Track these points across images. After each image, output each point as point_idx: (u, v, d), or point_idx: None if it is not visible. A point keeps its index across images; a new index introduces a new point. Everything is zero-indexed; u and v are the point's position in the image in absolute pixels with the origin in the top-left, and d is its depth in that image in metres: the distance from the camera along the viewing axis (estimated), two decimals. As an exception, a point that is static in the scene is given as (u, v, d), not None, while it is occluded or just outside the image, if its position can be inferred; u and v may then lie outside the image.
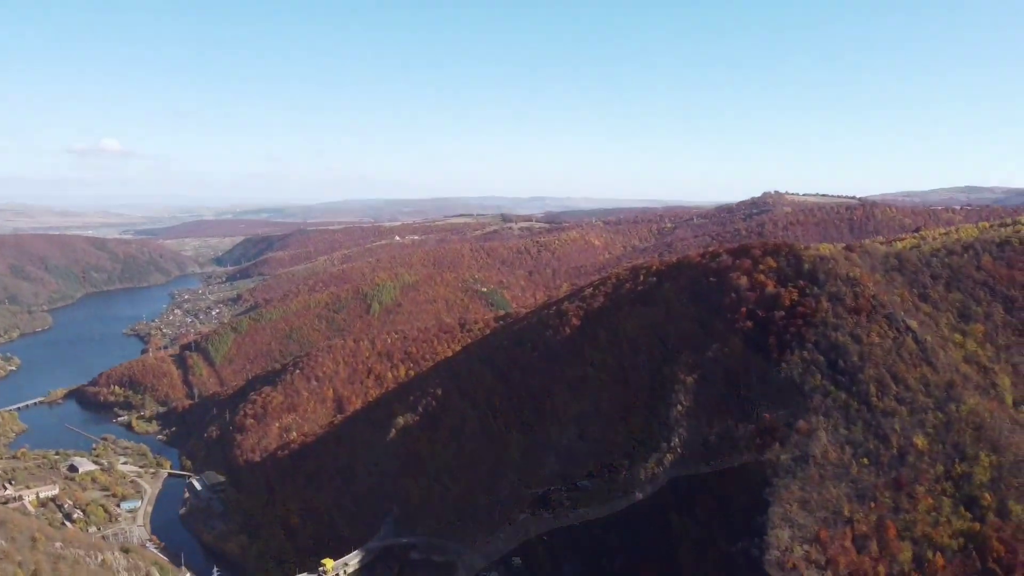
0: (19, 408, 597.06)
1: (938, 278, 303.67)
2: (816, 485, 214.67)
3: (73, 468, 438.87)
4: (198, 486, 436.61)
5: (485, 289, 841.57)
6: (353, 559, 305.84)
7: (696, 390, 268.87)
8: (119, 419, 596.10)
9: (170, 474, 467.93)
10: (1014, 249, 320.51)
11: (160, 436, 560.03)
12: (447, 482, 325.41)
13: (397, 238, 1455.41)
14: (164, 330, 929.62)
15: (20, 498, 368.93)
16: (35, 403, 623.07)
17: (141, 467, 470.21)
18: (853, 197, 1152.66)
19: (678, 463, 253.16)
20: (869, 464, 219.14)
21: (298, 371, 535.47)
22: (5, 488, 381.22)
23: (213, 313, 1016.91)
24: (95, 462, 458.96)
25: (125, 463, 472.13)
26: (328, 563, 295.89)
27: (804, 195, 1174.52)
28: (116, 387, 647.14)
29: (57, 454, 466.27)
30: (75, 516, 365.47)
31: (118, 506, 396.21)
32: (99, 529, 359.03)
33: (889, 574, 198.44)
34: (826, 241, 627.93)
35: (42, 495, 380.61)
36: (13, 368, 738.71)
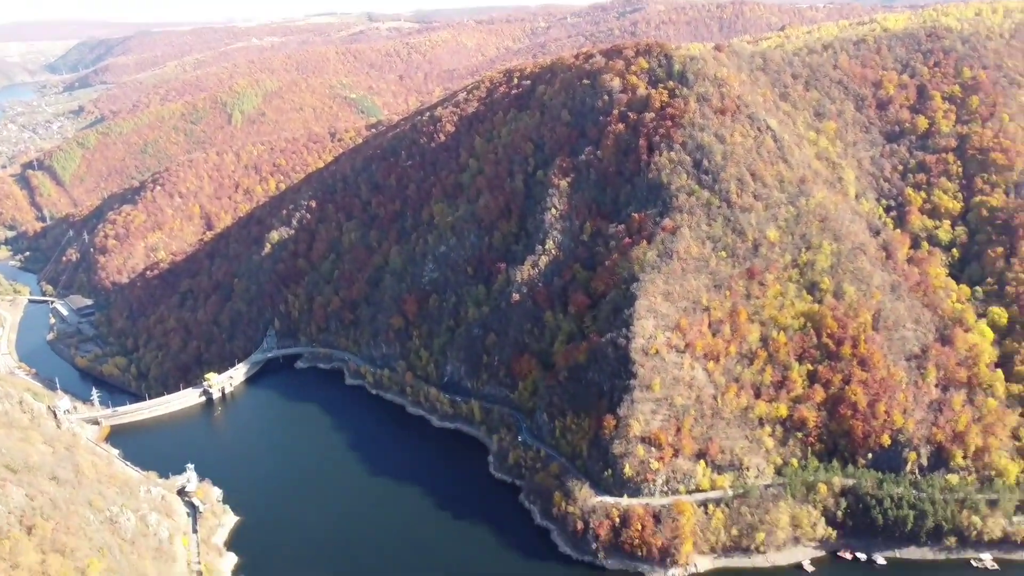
0: None
1: (798, 77, 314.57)
2: (678, 278, 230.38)
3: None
4: (64, 311, 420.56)
5: (354, 95, 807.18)
6: (238, 372, 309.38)
7: (569, 193, 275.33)
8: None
9: (30, 300, 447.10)
10: (869, 48, 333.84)
11: (12, 262, 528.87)
12: (328, 293, 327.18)
13: (255, 40, 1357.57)
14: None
15: None
16: None
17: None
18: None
19: (552, 264, 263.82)
20: (727, 257, 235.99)
21: (159, 188, 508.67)
22: None
23: (54, 127, 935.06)
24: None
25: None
26: (211, 377, 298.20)
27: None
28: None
29: None
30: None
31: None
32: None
33: (739, 353, 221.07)
34: (697, 40, 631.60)
35: None
36: None
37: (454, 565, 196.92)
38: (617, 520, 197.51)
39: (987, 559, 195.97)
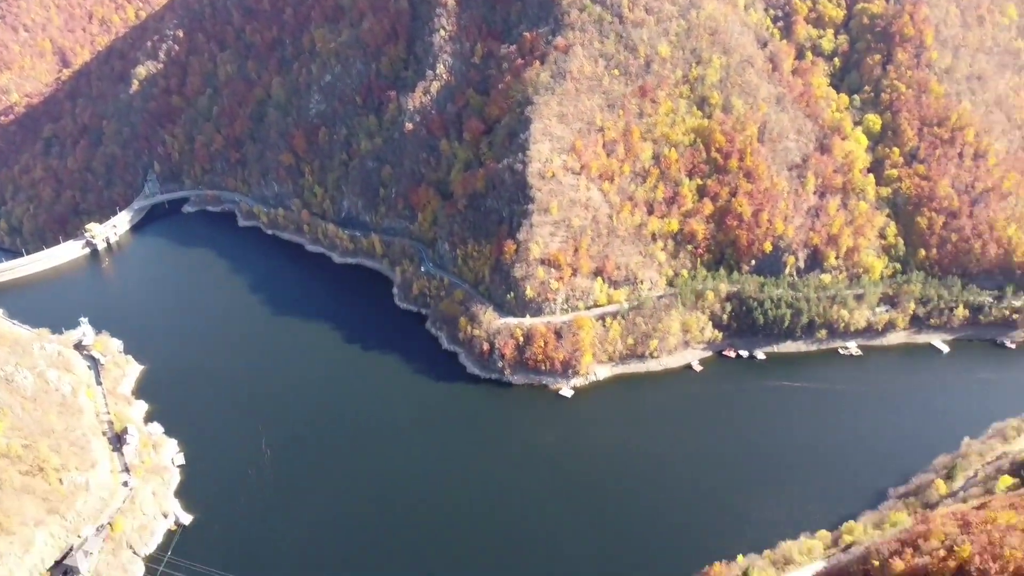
0: None
1: None
2: (572, 99, 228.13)
3: None
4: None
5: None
6: (121, 220, 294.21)
7: (458, 12, 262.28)
8: None
9: None
10: None
11: None
12: (209, 132, 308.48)
13: None
14: None
15: None
16: None
17: None
18: None
19: (445, 90, 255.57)
20: (619, 75, 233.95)
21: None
22: None
23: None
24: None
25: None
26: (93, 228, 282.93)
27: None
28: None
29: None
30: None
31: None
32: None
33: (633, 172, 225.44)
34: None
35: None
36: None
37: (367, 393, 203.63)
38: (521, 339, 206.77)
39: (852, 347, 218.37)
